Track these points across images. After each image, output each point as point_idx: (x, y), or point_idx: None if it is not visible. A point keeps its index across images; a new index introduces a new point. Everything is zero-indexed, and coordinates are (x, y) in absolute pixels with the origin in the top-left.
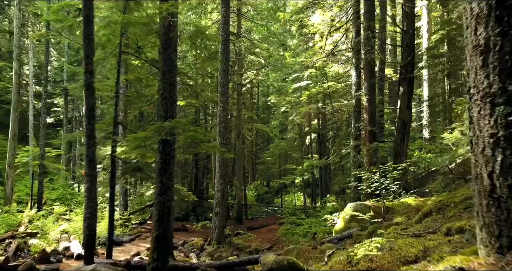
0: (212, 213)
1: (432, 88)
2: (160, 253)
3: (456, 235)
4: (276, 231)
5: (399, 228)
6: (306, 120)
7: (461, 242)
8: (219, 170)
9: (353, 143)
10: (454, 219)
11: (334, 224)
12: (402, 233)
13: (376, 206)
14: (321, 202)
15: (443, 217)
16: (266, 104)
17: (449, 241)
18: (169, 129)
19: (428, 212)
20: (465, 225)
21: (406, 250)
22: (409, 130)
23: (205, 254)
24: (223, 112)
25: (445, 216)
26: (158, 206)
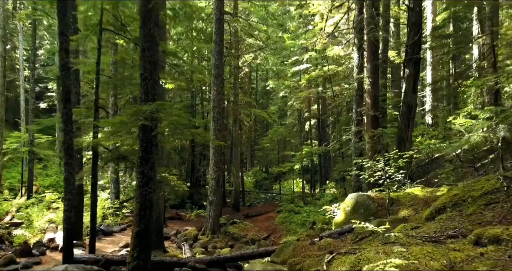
0: (207, 202)
1: (436, 71)
2: (141, 251)
3: (490, 246)
4: (274, 219)
5: (409, 227)
6: (305, 105)
7: (500, 258)
8: (214, 157)
9: (354, 129)
10: (475, 218)
11: (334, 216)
12: (415, 235)
13: (379, 197)
14: (321, 189)
15: (460, 215)
16: (265, 89)
17: (481, 255)
18: (149, 113)
19: (441, 207)
20: (501, 234)
21: (426, 263)
22: (414, 115)
23: (198, 245)
24: (217, 96)
25: (463, 214)
26: (139, 199)
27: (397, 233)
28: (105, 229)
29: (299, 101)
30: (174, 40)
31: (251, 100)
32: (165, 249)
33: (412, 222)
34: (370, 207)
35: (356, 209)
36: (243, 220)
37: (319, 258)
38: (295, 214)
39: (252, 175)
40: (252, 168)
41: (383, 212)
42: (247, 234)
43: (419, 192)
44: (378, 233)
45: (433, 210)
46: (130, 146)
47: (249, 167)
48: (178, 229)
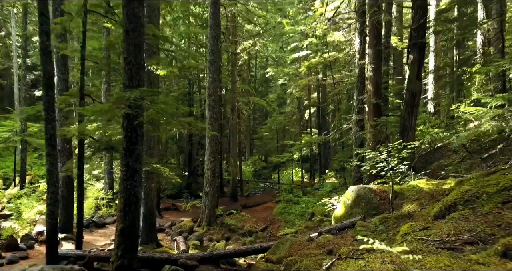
0: (202, 193)
1: (438, 58)
2: (126, 249)
3: None
4: (272, 210)
5: (417, 227)
6: (305, 93)
7: None
8: (209, 146)
9: (355, 117)
10: (493, 218)
11: (333, 209)
12: (425, 238)
13: (381, 190)
14: (320, 178)
15: (474, 214)
16: (264, 77)
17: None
18: (132, 101)
19: (452, 204)
20: None
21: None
22: (418, 103)
23: (194, 238)
24: (212, 83)
25: (478, 213)
26: (123, 194)
27: (404, 234)
28: (97, 220)
29: (299, 89)
30: (170, 26)
31: (250, 88)
32: (158, 242)
33: (418, 219)
34: (372, 200)
35: (357, 202)
36: (241, 210)
37: (317, 258)
38: (293, 205)
39: (251, 164)
40: (251, 157)
41: (386, 206)
42: (244, 225)
43: (424, 184)
44: (381, 231)
45: (443, 206)
46: (119, 136)
47: (248, 155)
48: (173, 221)
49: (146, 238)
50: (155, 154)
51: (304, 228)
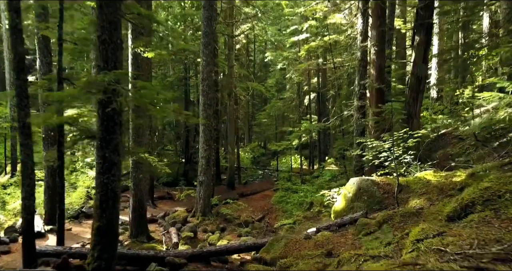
0: (197, 182)
1: (442, 41)
2: (104, 250)
3: None
4: (270, 198)
5: (430, 231)
6: (305, 78)
7: None
8: (203, 134)
9: (356, 103)
10: None
11: (332, 202)
12: (442, 249)
13: (385, 182)
14: (319, 166)
15: (497, 217)
16: (263, 61)
17: None
18: (106, 85)
19: (469, 203)
20: None
21: None
22: (424, 88)
23: (187, 229)
24: (206, 67)
25: (501, 216)
26: (99, 189)
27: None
28: (87, 211)
29: (298, 74)
30: (164, 8)
31: (248, 73)
32: (149, 234)
33: (428, 217)
34: (375, 194)
35: (359, 196)
36: (238, 199)
37: (315, 261)
38: (292, 193)
39: (250, 151)
40: (250, 144)
41: (390, 200)
42: (240, 215)
43: (432, 176)
44: (386, 230)
45: (458, 206)
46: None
47: (247, 142)
48: (166, 211)
49: (136, 231)
50: (145, 142)
51: (303, 218)
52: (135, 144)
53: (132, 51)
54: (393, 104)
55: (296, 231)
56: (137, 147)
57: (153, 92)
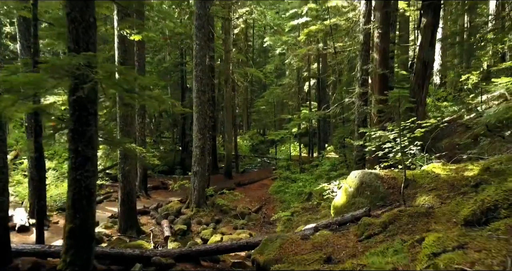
0: (191, 172)
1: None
2: (77, 255)
3: None
4: (268, 188)
5: (449, 242)
6: (304, 63)
7: None
8: (197, 122)
9: (358, 90)
10: None
11: (332, 196)
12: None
13: (390, 176)
14: (319, 154)
15: None
16: (262, 47)
17: None
18: (75, 69)
19: (491, 206)
20: None
21: None
22: (430, 73)
23: (180, 221)
24: (200, 51)
25: None
26: (72, 186)
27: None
28: None
29: (298, 59)
30: None
31: (245, 58)
32: (139, 228)
33: (440, 219)
34: (379, 189)
35: (361, 191)
36: (235, 188)
37: (312, 268)
38: (290, 183)
39: (248, 139)
40: (249, 131)
41: (395, 196)
42: (237, 205)
43: (440, 169)
44: (393, 232)
45: (478, 209)
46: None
47: (246, 129)
48: (159, 202)
49: (125, 225)
50: (133, 132)
51: (301, 210)
52: (123, 133)
53: (118, 34)
54: (400, 91)
55: (293, 223)
56: (124, 137)
57: (131, 77)
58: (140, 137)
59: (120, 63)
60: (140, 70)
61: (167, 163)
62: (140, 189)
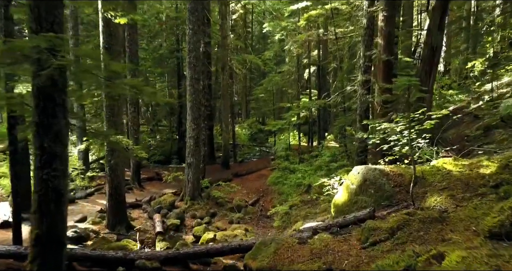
0: (185, 164)
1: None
2: (45, 264)
3: None
4: (266, 178)
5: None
6: (304, 50)
7: None
8: (191, 111)
9: (361, 78)
10: None
11: (333, 193)
12: None
13: (396, 173)
14: (319, 143)
15: None
16: (261, 33)
17: None
18: (36, 53)
19: None
20: None
21: None
22: (438, 60)
23: (174, 215)
24: (193, 37)
25: None
26: (38, 187)
27: None
28: None
29: (297, 46)
30: None
31: (243, 45)
32: (129, 223)
33: (457, 226)
34: (384, 187)
35: (364, 188)
36: (232, 179)
37: None
38: (289, 173)
39: (247, 127)
40: (247, 119)
41: (403, 195)
42: (233, 198)
43: (452, 165)
44: (402, 240)
45: (506, 219)
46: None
47: (245, 118)
48: (152, 195)
49: (113, 220)
50: (120, 122)
51: (299, 203)
52: (110, 124)
53: (103, 16)
54: (411, 80)
55: (291, 217)
56: (111, 128)
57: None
58: (133, 127)
59: (105, 48)
60: (132, 56)
61: (164, 152)
62: (133, 180)
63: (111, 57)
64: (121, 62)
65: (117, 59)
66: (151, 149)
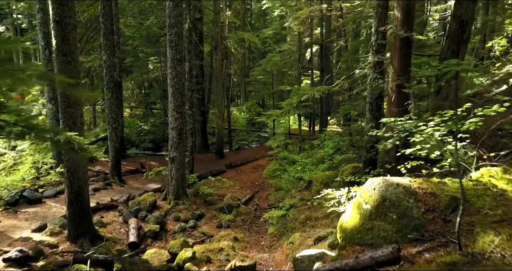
0: (167, 158)
1: None
2: None
3: None
4: (263, 169)
5: None
6: (306, 28)
7: None
8: (173, 98)
9: (373, 59)
10: None
11: (338, 210)
12: None
13: (427, 191)
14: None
15: None
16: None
17: None
18: None
19: None
20: None
21: None
22: (469, 36)
23: (153, 219)
24: (174, 9)
25: None
26: None
27: None
28: (30, 195)
29: (298, 23)
30: None
31: (238, 21)
32: (95, 233)
33: None
34: (411, 212)
35: (383, 211)
36: (226, 170)
37: None
38: (288, 164)
39: (246, 110)
40: (246, 102)
41: (438, 226)
42: (225, 194)
43: (504, 181)
44: None
45: None
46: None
47: (244, 100)
48: (134, 191)
49: (75, 231)
50: (80, 114)
51: (299, 201)
52: (65, 116)
53: None
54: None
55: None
56: (66, 122)
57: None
58: (111, 115)
59: (56, 22)
60: (107, 33)
61: (155, 138)
62: (113, 175)
63: (64, 33)
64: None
65: (72, 35)
66: (141, 135)
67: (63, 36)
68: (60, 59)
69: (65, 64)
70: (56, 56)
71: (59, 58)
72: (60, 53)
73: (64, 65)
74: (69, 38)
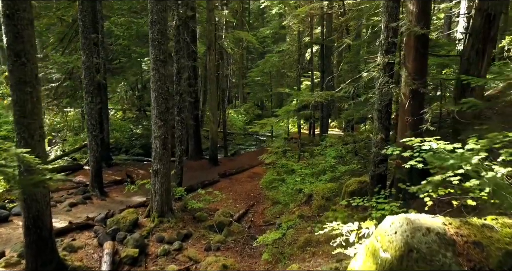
0: (151, 171)
1: None
2: None
3: None
4: (259, 178)
5: None
6: (306, 26)
7: None
8: (156, 104)
9: (382, 60)
10: None
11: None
12: None
13: (468, 240)
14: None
15: None
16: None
17: None
18: None
19: None
20: None
21: None
22: (496, 34)
23: (132, 242)
24: (156, 4)
25: None
26: None
27: None
28: None
29: (297, 21)
30: None
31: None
32: (60, 262)
33: None
34: (449, 268)
35: (409, 265)
36: (219, 180)
37: None
38: (286, 174)
39: (244, 112)
40: (244, 104)
41: None
42: (216, 209)
43: None
44: None
45: None
46: None
47: (241, 101)
48: (115, 207)
49: (34, 262)
50: (38, 125)
51: (297, 218)
52: (19, 128)
53: None
54: None
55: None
56: (20, 134)
57: None
58: (90, 121)
59: (6, 16)
60: (86, 31)
61: (147, 143)
62: (93, 187)
63: (17, 30)
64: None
65: (27, 32)
66: (133, 139)
67: (15, 33)
68: (12, 60)
69: (19, 66)
70: (7, 57)
71: (11, 58)
72: (12, 53)
73: (17, 68)
74: (23, 35)
